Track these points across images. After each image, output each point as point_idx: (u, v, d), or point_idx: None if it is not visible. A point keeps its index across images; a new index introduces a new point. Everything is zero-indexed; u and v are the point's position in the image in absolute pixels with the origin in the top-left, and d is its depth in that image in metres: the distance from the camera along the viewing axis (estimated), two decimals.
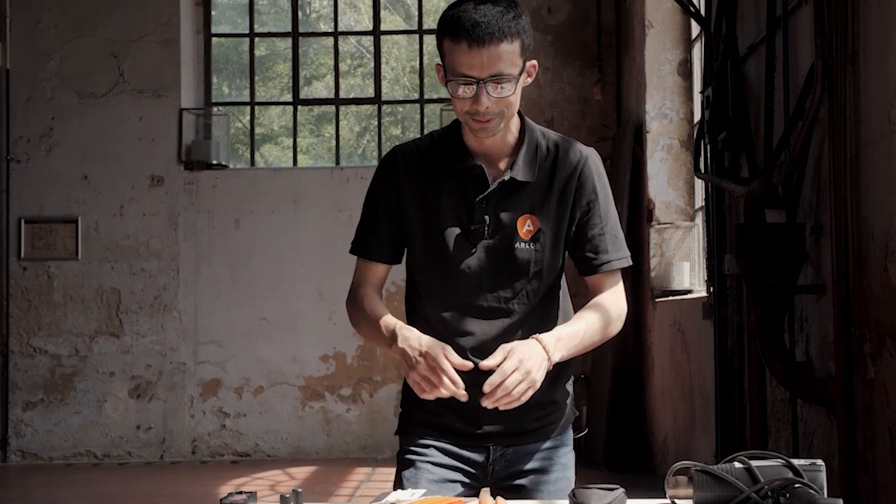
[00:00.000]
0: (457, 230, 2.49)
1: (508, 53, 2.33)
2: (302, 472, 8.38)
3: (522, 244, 2.47)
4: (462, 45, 2.31)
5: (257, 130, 10.63)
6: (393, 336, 2.41)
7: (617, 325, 2.58)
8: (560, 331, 2.40)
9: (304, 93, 12.67)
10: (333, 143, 9.99)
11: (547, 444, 2.60)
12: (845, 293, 3.97)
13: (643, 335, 7.98)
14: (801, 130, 4.34)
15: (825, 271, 4.25)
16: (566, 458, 2.62)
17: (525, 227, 2.47)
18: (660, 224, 7.73)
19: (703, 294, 6.48)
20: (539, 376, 2.28)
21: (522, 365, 2.26)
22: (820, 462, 1.88)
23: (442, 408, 2.53)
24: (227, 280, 9.07)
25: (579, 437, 2.72)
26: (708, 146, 5.73)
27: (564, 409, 2.64)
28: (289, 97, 10.04)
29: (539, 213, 2.49)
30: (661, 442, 7.47)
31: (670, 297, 7.36)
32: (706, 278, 6.22)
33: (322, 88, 14.07)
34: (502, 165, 2.51)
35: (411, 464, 2.57)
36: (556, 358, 2.34)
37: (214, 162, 9.12)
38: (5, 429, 8.96)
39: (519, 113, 2.53)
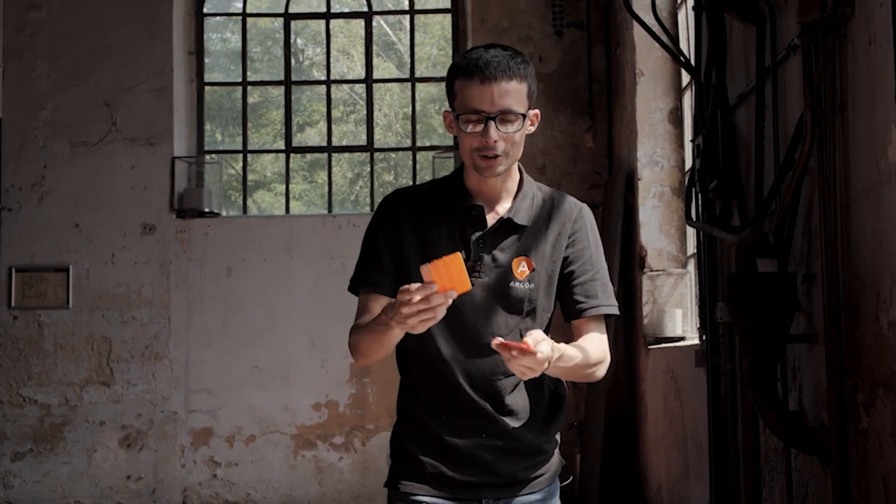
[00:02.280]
0: None
1: (517, 92, 2.48)
2: None
3: (517, 283, 2.54)
4: (474, 80, 2.46)
5: (250, 177, 10.66)
6: (387, 315, 2.39)
7: (603, 369, 2.63)
8: (564, 350, 2.43)
9: (297, 139, 12.70)
10: (326, 189, 10.01)
11: (537, 497, 2.61)
12: (837, 342, 3.96)
13: (636, 382, 7.95)
14: (791, 180, 4.35)
15: (817, 320, 4.25)
16: None
17: (520, 267, 2.55)
18: (652, 271, 7.73)
19: (696, 342, 6.47)
20: (537, 372, 2.32)
21: (540, 357, 2.28)
22: None
23: (433, 458, 2.53)
24: (218, 328, 9.04)
25: (565, 485, 2.74)
26: (699, 194, 5.73)
27: (554, 460, 2.65)
28: (281, 144, 10.07)
29: (534, 255, 2.56)
30: (654, 490, 7.42)
31: (663, 345, 7.34)
32: (699, 326, 6.21)
33: (315, 135, 14.13)
34: (500, 209, 2.60)
35: None
36: (547, 369, 2.38)
37: (206, 210, 9.12)
38: None
39: (519, 167, 2.64)
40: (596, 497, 7.77)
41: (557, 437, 2.69)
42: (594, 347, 2.57)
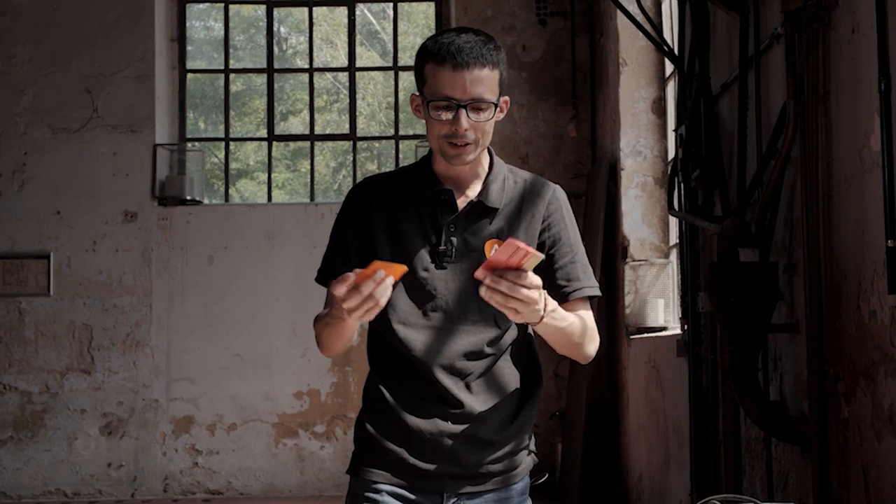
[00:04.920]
0: (425, 252, 2.50)
1: (489, 80, 2.41)
2: None
3: None
4: (446, 66, 2.39)
5: (233, 165, 10.62)
6: (336, 308, 2.33)
7: (594, 347, 2.57)
8: (557, 306, 2.36)
9: (280, 128, 12.67)
10: (309, 178, 9.98)
11: (503, 495, 2.55)
12: (818, 332, 3.97)
13: (618, 372, 7.96)
14: (773, 169, 4.35)
15: (798, 310, 4.25)
16: None
17: (492, 251, 2.44)
18: (634, 261, 7.73)
19: (678, 331, 6.48)
20: (528, 310, 2.22)
21: (531, 295, 2.20)
22: None
23: (395, 444, 2.49)
24: (200, 316, 9.00)
25: (541, 482, 2.67)
26: (682, 184, 5.74)
27: (524, 457, 2.59)
28: (264, 132, 10.03)
29: (506, 238, 2.47)
30: (636, 479, 7.44)
31: (645, 335, 7.35)
32: (680, 316, 6.22)
33: (298, 124, 14.08)
34: (470, 192, 2.55)
35: None
36: (545, 320, 2.30)
37: (188, 197, 9.07)
38: None
39: (488, 149, 2.57)
40: (577, 486, 7.78)
41: (531, 436, 2.61)
42: (585, 322, 2.52)
